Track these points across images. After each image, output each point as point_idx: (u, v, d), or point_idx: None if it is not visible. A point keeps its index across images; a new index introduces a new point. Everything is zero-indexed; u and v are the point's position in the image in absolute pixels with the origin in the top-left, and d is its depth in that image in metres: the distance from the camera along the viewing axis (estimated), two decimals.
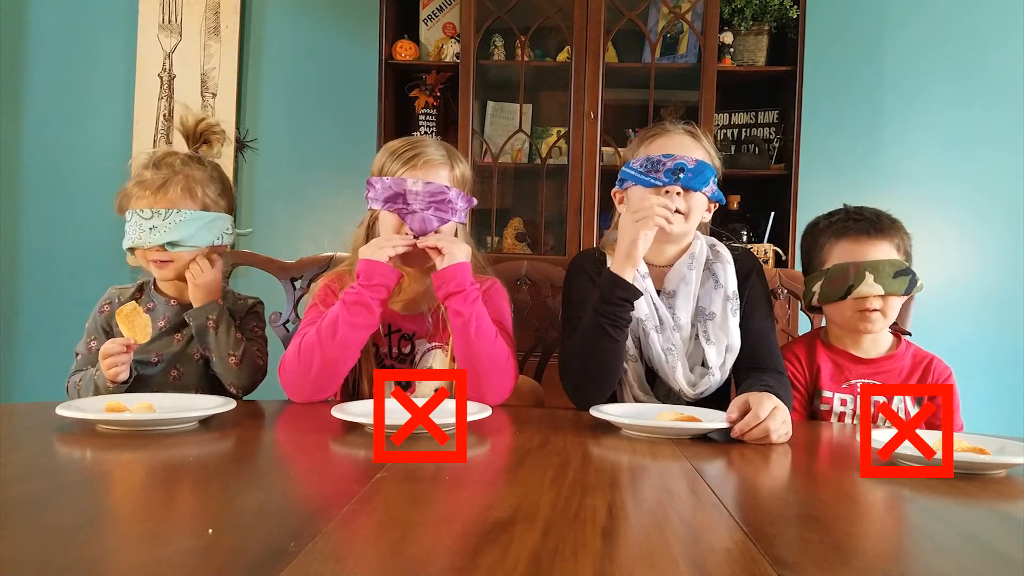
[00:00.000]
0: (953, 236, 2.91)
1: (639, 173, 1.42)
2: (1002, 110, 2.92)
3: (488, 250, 2.78)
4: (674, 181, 1.39)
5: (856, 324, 1.46)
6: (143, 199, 1.41)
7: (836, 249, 1.47)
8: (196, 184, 1.44)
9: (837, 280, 1.44)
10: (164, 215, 1.39)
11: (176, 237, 1.39)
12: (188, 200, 1.42)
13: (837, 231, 1.48)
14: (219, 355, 1.44)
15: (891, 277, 1.41)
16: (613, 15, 2.66)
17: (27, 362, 3.17)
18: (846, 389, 1.49)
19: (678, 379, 1.39)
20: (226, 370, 1.44)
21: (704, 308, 1.43)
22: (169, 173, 1.42)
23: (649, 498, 0.81)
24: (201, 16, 3.09)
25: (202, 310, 1.43)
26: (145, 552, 0.60)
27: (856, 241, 1.45)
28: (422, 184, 1.37)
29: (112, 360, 1.31)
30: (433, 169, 1.41)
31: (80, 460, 0.95)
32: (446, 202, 1.38)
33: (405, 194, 1.37)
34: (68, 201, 3.12)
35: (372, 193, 1.40)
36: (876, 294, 1.41)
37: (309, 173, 3.11)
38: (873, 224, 1.45)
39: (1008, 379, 2.89)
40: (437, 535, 0.66)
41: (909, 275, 1.43)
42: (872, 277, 1.40)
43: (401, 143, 1.45)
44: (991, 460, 0.97)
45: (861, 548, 0.67)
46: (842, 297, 1.43)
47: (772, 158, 2.80)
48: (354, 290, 1.34)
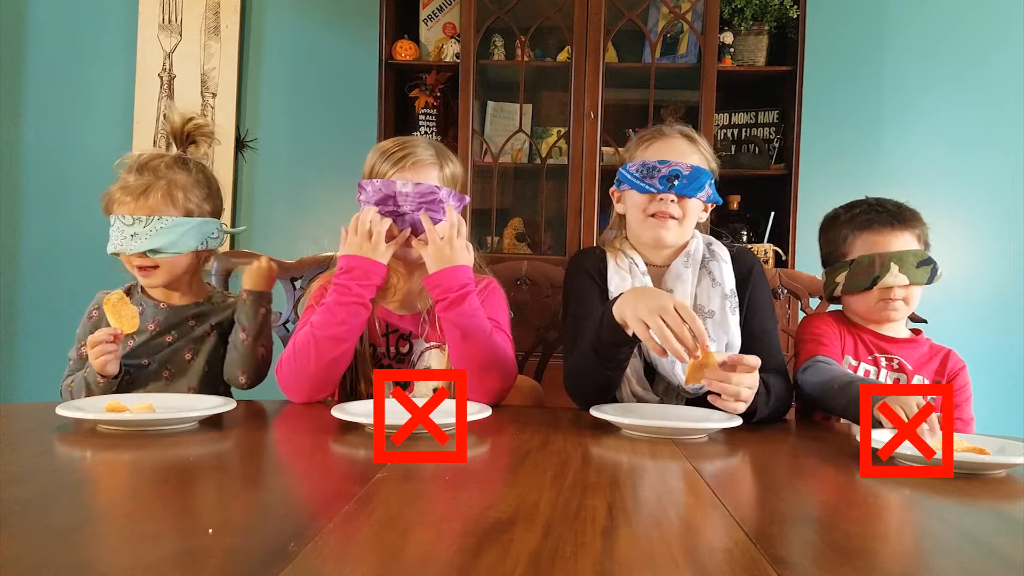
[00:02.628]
0: (953, 236, 2.91)
1: (635, 178, 1.44)
2: (1002, 110, 2.92)
3: (488, 250, 2.78)
4: (668, 188, 1.41)
5: (880, 313, 1.49)
6: (125, 205, 1.39)
7: (860, 241, 1.50)
8: (178, 190, 1.42)
9: (863, 271, 1.47)
10: (145, 222, 1.37)
11: (157, 244, 1.38)
12: (169, 206, 1.41)
13: (861, 223, 1.50)
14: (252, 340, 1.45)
15: (915, 267, 1.45)
16: (613, 15, 2.66)
17: (27, 362, 3.17)
18: (871, 361, 1.51)
19: (677, 373, 1.38)
20: (249, 359, 1.45)
21: (703, 307, 1.44)
22: (151, 179, 1.40)
23: (649, 498, 0.81)
24: (201, 16, 3.09)
25: (262, 297, 1.47)
26: (145, 552, 0.60)
27: (880, 233, 1.48)
28: (412, 185, 1.37)
29: (100, 349, 1.31)
30: (423, 169, 1.41)
31: (80, 460, 0.95)
32: (436, 202, 1.38)
33: (395, 196, 1.37)
34: (68, 201, 3.12)
35: (364, 196, 1.40)
36: (901, 284, 1.44)
37: (309, 173, 3.11)
38: (896, 215, 1.49)
39: (1008, 379, 2.89)
40: (437, 535, 0.66)
41: (931, 265, 1.46)
42: (897, 268, 1.44)
43: (391, 143, 1.45)
44: (991, 460, 0.97)
45: (861, 548, 0.67)
46: (868, 287, 1.46)
47: (772, 158, 2.80)
48: (343, 287, 1.33)
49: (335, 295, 1.34)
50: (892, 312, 1.48)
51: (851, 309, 1.56)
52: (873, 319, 1.52)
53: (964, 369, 1.52)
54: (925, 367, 1.52)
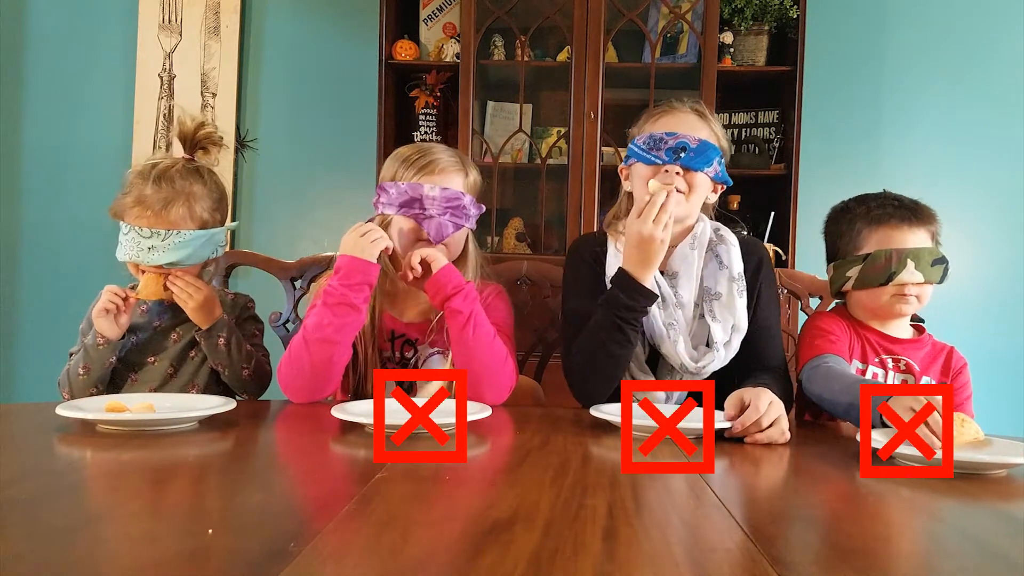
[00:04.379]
0: (953, 236, 2.87)
1: (642, 150, 1.41)
2: (1002, 110, 2.92)
3: (488, 250, 2.78)
4: (674, 160, 1.38)
5: (891, 308, 1.46)
6: (144, 218, 1.38)
7: (875, 235, 1.46)
8: (196, 202, 1.42)
9: (878, 266, 1.44)
10: (164, 236, 1.37)
11: (175, 258, 1.38)
12: (188, 221, 1.40)
13: (876, 217, 1.47)
14: (233, 370, 1.45)
15: (930, 265, 1.43)
16: (613, 15, 2.66)
17: (27, 362, 3.17)
18: (878, 363, 1.49)
19: (679, 352, 1.37)
20: (238, 382, 1.46)
21: (709, 288, 1.43)
22: (170, 192, 1.39)
23: (649, 498, 0.81)
24: (201, 16, 3.09)
25: (212, 331, 1.43)
26: (145, 552, 0.60)
27: (898, 228, 1.45)
28: (439, 190, 1.38)
29: (109, 296, 1.35)
30: (449, 175, 1.41)
31: (80, 460, 0.95)
32: (461, 208, 1.39)
33: (422, 199, 1.37)
34: (68, 201, 3.12)
35: (385, 198, 1.40)
36: (917, 281, 1.43)
37: (309, 173, 3.11)
38: (913, 211, 1.46)
39: (1008, 379, 2.89)
40: (437, 535, 0.66)
41: (944, 264, 1.45)
42: (913, 265, 1.42)
43: (413, 150, 1.44)
44: (991, 460, 0.97)
45: (861, 548, 0.67)
46: (883, 283, 1.44)
47: (772, 158, 2.81)
48: (336, 290, 1.33)
49: (323, 296, 1.34)
50: (904, 307, 1.45)
51: (859, 304, 1.52)
52: (881, 315, 1.50)
53: (965, 367, 1.52)
54: (931, 367, 1.50)
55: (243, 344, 1.47)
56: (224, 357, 1.44)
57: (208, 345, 1.44)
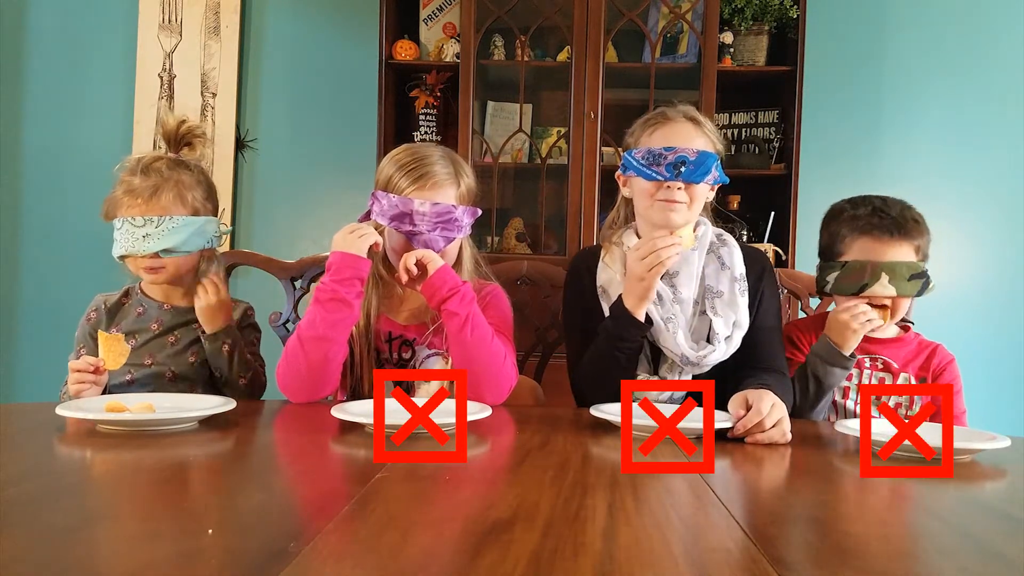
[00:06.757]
0: (953, 236, 2.91)
1: (641, 165, 1.42)
2: (1002, 110, 2.92)
3: (488, 250, 2.78)
4: (675, 176, 1.39)
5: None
6: (134, 207, 1.39)
7: (857, 244, 1.48)
8: (186, 189, 1.43)
9: (852, 276, 1.46)
10: (157, 222, 1.38)
11: (170, 244, 1.39)
12: (179, 206, 1.41)
13: (861, 227, 1.48)
14: (231, 378, 1.46)
15: (906, 279, 1.43)
16: (613, 15, 2.66)
17: (27, 362, 3.16)
18: (855, 364, 1.49)
19: (679, 343, 1.38)
20: (234, 390, 1.46)
21: (711, 287, 1.44)
22: (159, 179, 1.41)
23: (649, 498, 0.81)
24: (201, 16, 3.09)
25: (218, 336, 1.44)
26: (145, 552, 0.60)
27: (878, 240, 1.46)
28: (429, 205, 1.37)
29: (78, 376, 1.31)
30: (441, 189, 1.40)
31: (80, 460, 0.95)
32: (452, 221, 1.39)
33: (412, 215, 1.37)
34: (68, 201, 3.12)
35: (378, 207, 1.40)
36: (888, 295, 1.43)
37: (309, 173, 3.11)
38: (897, 225, 1.46)
39: (1008, 379, 2.89)
40: (437, 535, 0.66)
41: (923, 278, 1.45)
42: (887, 278, 1.43)
43: (408, 156, 1.43)
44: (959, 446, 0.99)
45: (861, 548, 0.67)
46: (855, 293, 1.45)
47: (772, 158, 2.81)
48: (327, 286, 1.33)
49: (315, 294, 1.35)
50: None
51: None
52: None
53: (952, 363, 1.52)
54: (911, 364, 1.51)
55: (244, 355, 1.48)
56: (225, 363, 1.45)
57: (212, 348, 1.44)
